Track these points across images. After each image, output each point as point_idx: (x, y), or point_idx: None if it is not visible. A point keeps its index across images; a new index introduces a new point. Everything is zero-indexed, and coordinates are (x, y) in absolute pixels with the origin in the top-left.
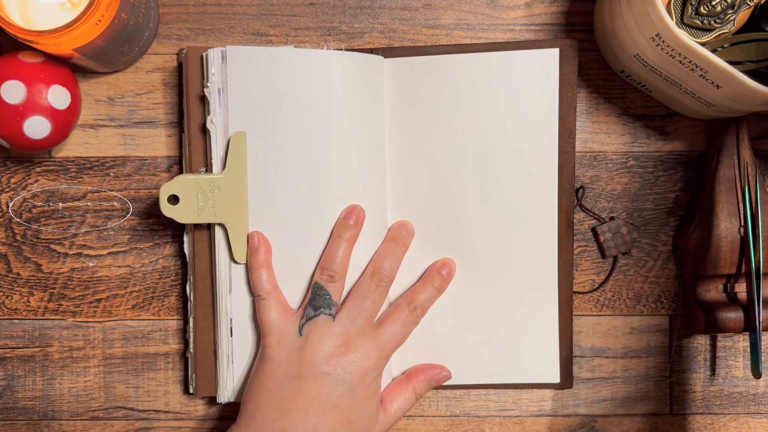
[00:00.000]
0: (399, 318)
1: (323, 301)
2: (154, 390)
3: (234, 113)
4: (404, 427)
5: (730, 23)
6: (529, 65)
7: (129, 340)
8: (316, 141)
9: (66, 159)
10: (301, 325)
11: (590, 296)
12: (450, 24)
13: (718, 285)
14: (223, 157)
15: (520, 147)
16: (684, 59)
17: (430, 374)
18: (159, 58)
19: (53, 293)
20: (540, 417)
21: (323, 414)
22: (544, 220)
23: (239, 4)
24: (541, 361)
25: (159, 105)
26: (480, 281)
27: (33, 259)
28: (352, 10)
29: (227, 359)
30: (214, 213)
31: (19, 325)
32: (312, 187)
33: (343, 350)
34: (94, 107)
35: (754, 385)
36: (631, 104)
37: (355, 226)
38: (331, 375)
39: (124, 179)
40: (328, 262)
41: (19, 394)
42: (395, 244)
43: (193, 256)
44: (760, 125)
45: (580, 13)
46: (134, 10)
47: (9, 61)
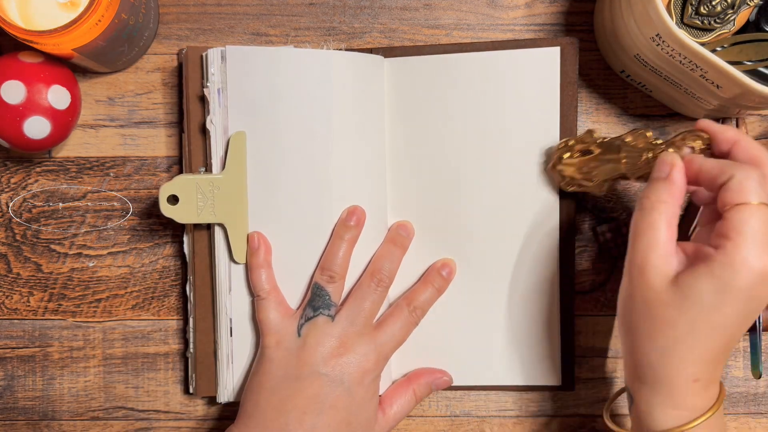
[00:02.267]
0: (398, 319)
1: (322, 301)
2: (154, 390)
3: (234, 113)
4: (404, 427)
5: (730, 23)
6: (530, 64)
7: (129, 340)
8: (315, 141)
9: (66, 159)
10: (300, 326)
11: (590, 296)
12: (450, 24)
13: None
14: (222, 157)
15: (520, 146)
16: (684, 59)
17: (431, 378)
18: (159, 58)
19: (53, 293)
20: (540, 417)
21: (321, 414)
22: (545, 219)
23: (239, 4)
24: (542, 363)
25: (159, 105)
26: (480, 282)
27: (33, 259)
28: (352, 10)
29: (227, 359)
30: (213, 213)
31: (19, 325)
32: (312, 187)
33: (341, 351)
34: (94, 107)
35: (754, 385)
36: (631, 104)
37: (356, 227)
38: (329, 376)
39: (124, 179)
40: (328, 262)
41: (19, 394)
42: (394, 244)
43: (193, 256)
44: (760, 125)
45: (580, 13)
46: (134, 10)
47: (9, 61)
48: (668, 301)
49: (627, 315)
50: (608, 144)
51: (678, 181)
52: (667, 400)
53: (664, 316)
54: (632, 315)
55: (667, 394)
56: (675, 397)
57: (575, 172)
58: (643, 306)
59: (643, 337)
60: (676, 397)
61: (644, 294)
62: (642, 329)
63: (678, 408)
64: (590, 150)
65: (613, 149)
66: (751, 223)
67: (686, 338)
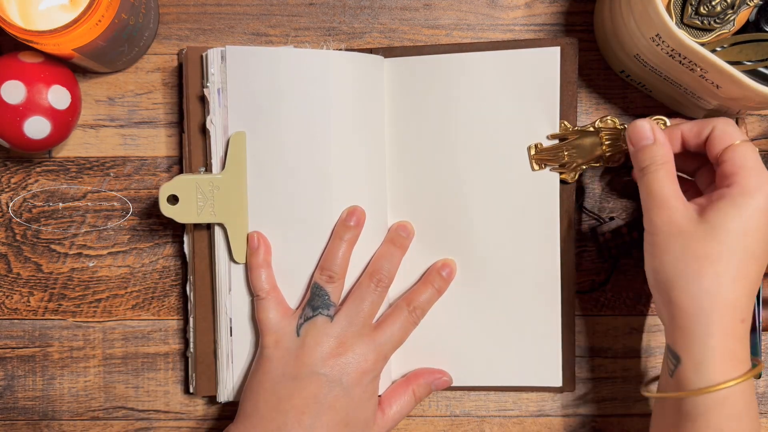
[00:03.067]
0: (398, 319)
1: (322, 301)
2: (154, 390)
3: (233, 113)
4: (404, 427)
5: (730, 23)
6: (530, 64)
7: (129, 340)
8: (315, 141)
9: (66, 159)
10: (299, 326)
11: (590, 296)
12: (450, 24)
13: None
14: (222, 157)
15: (520, 147)
16: (684, 59)
17: (431, 378)
18: (159, 58)
19: (53, 293)
20: (540, 417)
21: (319, 414)
22: (546, 219)
23: (239, 4)
24: (543, 364)
25: (159, 105)
26: (481, 282)
27: (33, 259)
28: (352, 10)
29: (227, 359)
30: (213, 213)
31: (19, 325)
32: (311, 187)
33: (340, 351)
34: (94, 107)
35: None
36: (631, 104)
37: (356, 228)
38: (328, 376)
39: (124, 179)
40: (327, 262)
41: (19, 394)
42: (394, 245)
43: (193, 256)
44: (760, 125)
45: (580, 13)
46: (134, 10)
47: (9, 61)
48: (703, 235)
49: (664, 272)
50: (582, 131)
51: (664, 141)
52: (722, 349)
53: (705, 252)
54: (672, 268)
55: (722, 340)
56: (729, 342)
57: (552, 159)
58: (681, 251)
59: (689, 284)
60: (730, 342)
61: (680, 238)
62: (687, 276)
63: (733, 358)
64: (566, 137)
65: (590, 134)
66: (748, 155)
67: (729, 270)
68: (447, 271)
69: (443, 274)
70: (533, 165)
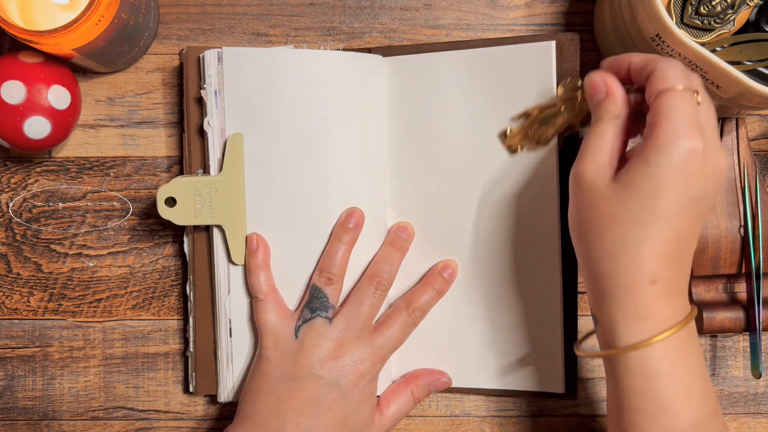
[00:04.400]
0: (397, 321)
1: (320, 303)
2: (154, 390)
3: (230, 115)
4: (404, 427)
5: (730, 23)
6: (526, 59)
7: (129, 340)
8: (313, 142)
9: (66, 159)
10: (297, 327)
11: None
12: (450, 24)
13: (717, 285)
14: (220, 158)
15: None
16: (684, 59)
17: (430, 379)
18: (159, 58)
19: (53, 293)
20: (540, 417)
21: (317, 416)
22: (546, 219)
23: (239, 4)
24: (544, 369)
25: (159, 105)
26: (481, 283)
27: (33, 259)
28: (352, 10)
29: (226, 359)
30: (211, 215)
31: (19, 325)
32: (310, 189)
33: (338, 354)
34: (94, 107)
35: (754, 385)
36: None
37: (355, 229)
38: (326, 378)
39: (124, 179)
40: (326, 264)
41: (19, 394)
42: (394, 247)
43: (193, 256)
44: (760, 125)
45: (580, 13)
46: (134, 10)
47: (9, 61)
48: (611, 196)
49: (576, 228)
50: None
51: (617, 93)
52: (629, 310)
53: (609, 213)
54: (581, 226)
55: (627, 301)
56: (636, 303)
57: (523, 140)
58: (588, 210)
59: (594, 244)
60: (638, 303)
61: (589, 196)
62: (592, 235)
63: (642, 318)
64: (528, 114)
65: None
66: (676, 105)
67: (633, 232)
68: (449, 272)
69: (445, 276)
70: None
